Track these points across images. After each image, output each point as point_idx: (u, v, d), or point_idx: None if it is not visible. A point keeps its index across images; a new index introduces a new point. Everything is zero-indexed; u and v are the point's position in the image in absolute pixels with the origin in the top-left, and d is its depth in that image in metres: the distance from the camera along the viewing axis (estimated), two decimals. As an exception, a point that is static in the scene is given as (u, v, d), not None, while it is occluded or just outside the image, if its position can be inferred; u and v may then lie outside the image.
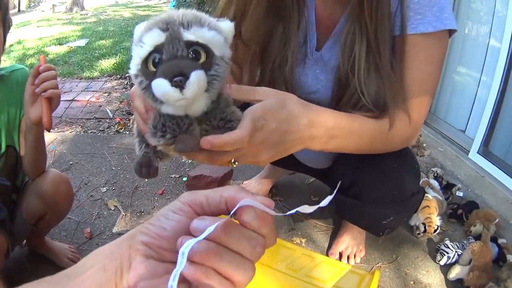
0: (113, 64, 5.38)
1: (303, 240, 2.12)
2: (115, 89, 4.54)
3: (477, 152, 2.81)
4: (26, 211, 1.70)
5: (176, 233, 0.51)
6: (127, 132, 3.45)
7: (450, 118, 3.28)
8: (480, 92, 2.97)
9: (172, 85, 0.67)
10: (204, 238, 0.48)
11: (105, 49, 6.41)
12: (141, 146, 0.95)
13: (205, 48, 0.71)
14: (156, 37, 0.70)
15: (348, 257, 1.98)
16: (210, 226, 0.48)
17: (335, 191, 0.62)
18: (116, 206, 2.43)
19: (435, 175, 2.58)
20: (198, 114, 0.79)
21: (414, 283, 1.89)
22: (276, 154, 0.94)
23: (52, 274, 0.50)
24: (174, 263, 0.48)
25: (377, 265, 1.98)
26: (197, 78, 0.68)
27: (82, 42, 7.00)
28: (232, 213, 0.51)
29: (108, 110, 3.89)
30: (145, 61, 0.71)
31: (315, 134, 1.01)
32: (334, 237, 2.12)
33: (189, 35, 0.70)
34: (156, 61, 0.71)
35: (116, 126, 3.55)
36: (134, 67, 0.74)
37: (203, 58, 0.71)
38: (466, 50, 3.13)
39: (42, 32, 8.26)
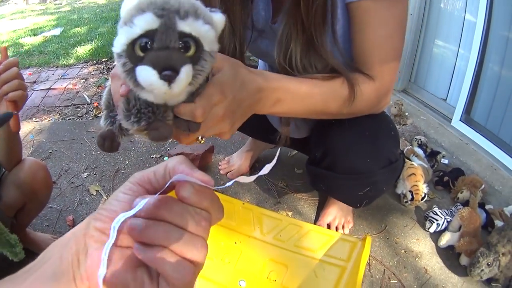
0: (89, 50, 5.32)
1: (290, 214, 2.11)
2: (92, 74, 4.48)
3: (460, 120, 2.83)
4: (4, 203, 1.63)
5: None
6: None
7: (430, 87, 3.29)
8: (458, 64, 2.98)
9: (161, 78, 0.65)
10: (147, 218, 0.48)
11: (80, 36, 6.32)
12: (107, 121, 0.93)
13: (196, 42, 0.68)
14: (149, 22, 0.66)
15: (336, 229, 1.97)
16: (149, 203, 0.49)
17: (275, 159, 0.61)
18: (98, 191, 2.39)
19: (419, 143, 2.58)
20: (175, 104, 0.78)
21: (405, 251, 1.89)
22: (235, 122, 0.94)
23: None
24: (131, 247, 0.50)
25: (366, 235, 1.96)
26: (186, 74, 0.66)
27: (57, 31, 6.86)
28: (166, 187, 0.52)
29: (85, 96, 3.83)
30: (132, 43, 0.67)
31: (262, 98, 1.02)
32: (320, 209, 2.11)
33: (184, 27, 0.67)
34: (144, 45, 0.67)
35: (94, 111, 3.51)
36: (119, 45, 0.69)
37: (192, 51, 0.68)
38: (442, 24, 3.13)
39: (16, 25, 8.06)
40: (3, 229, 1.47)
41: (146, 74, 0.65)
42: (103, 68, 4.64)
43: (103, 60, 4.92)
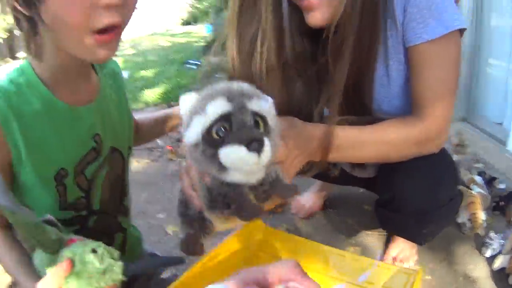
0: (158, 94, 5.36)
1: (358, 249, 2.22)
2: (162, 118, 4.46)
3: (515, 143, 2.85)
4: None
5: None
6: (180, 159, 3.46)
7: (487, 112, 3.30)
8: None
9: (250, 150, 0.71)
10: None
11: (148, 79, 6.31)
12: (184, 225, 0.99)
13: (263, 119, 0.77)
14: (222, 106, 0.74)
15: (402, 261, 2.04)
16: None
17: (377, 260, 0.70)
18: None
19: (479, 171, 2.63)
20: (257, 181, 0.83)
21: (463, 278, 1.96)
22: (292, 166, 1.07)
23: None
24: None
25: (429, 265, 2.06)
26: (269, 144, 0.74)
27: (125, 74, 6.68)
28: None
29: (157, 140, 3.83)
30: (208, 130, 0.74)
31: (314, 146, 1.16)
32: (387, 242, 2.20)
33: (253, 106, 0.75)
34: (222, 129, 0.74)
35: (168, 154, 3.57)
36: (194, 136, 0.76)
37: (262, 128, 0.77)
38: (495, 41, 3.14)
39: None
40: None
41: (234, 152, 0.72)
42: (173, 112, 4.64)
43: (172, 103, 4.86)
